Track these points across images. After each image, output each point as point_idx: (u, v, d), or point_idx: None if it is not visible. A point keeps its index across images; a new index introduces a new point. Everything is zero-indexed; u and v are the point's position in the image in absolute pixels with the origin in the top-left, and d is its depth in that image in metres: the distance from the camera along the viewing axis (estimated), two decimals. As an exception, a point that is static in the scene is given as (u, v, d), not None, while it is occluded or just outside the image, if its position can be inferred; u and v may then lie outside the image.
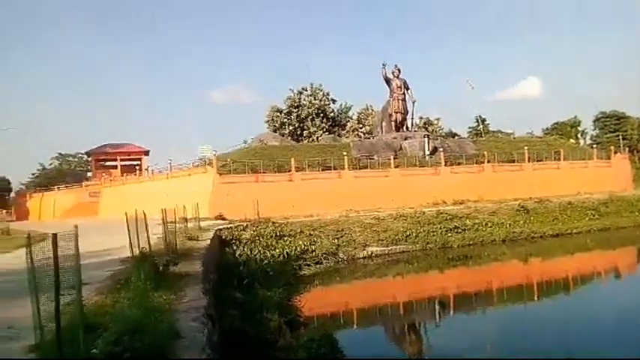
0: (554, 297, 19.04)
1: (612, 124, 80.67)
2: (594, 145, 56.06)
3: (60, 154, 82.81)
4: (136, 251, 10.24)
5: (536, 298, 18.88)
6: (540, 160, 41.97)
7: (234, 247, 22.12)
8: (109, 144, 68.32)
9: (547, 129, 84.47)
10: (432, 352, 13.05)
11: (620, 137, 71.28)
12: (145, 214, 10.81)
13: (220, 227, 24.74)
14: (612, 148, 49.34)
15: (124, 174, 54.55)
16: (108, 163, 67.58)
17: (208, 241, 18.40)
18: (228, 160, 34.53)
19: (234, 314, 10.10)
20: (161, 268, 11.57)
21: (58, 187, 56.85)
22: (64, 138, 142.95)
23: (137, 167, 60.90)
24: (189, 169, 37.17)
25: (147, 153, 68.71)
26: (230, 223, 26.59)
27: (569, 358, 7.94)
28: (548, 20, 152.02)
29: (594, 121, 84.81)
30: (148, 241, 10.44)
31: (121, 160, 67.17)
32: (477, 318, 16.50)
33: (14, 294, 8.18)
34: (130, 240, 9.97)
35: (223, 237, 23.18)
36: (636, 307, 16.03)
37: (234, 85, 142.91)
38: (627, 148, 56.52)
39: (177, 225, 16.95)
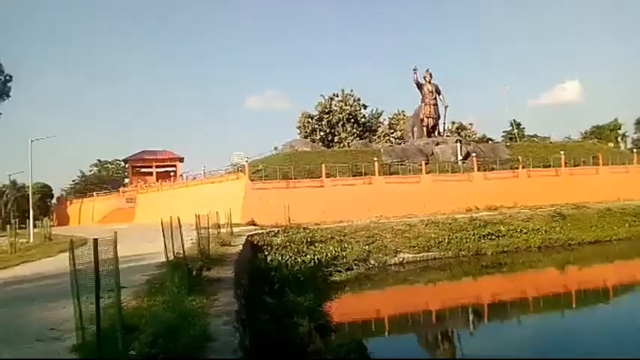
0: (592, 306, 18.49)
1: (655, 127, 77.71)
2: (635, 149, 54.07)
3: (99, 160, 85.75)
4: (171, 256, 10.53)
5: (573, 307, 18.40)
6: (577, 165, 40.88)
7: (266, 253, 22.39)
8: (146, 151, 70.07)
9: (585, 133, 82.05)
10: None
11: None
12: (179, 220, 11.10)
13: (252, 233, 25.07)
14: (656, 151, 47.49)
15: (159, 180, 55.94)
16: (144, 170, 69.30)
17: (240, 247, 18.70)
18: (260, 166, 35.01)
19: (265, 319, 10.26)
20: (194, 272, 11.87)
21: (97, 194, 58.82)
22: (103, 145, 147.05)
23: (172, 174, 62.36)
24: (222, 176, 37.86)
25: (181, 160, 70.21)
26: (261, 229, 26.92)
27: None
28: (586, 21, 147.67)
29: (636, 124, 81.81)
30: (182, 246, 10.72)
31: (157, 166, 68.84)
32: (512, 327, 16.15)
33: (57, 296, 8.59)
34: (164, 245, 10.27)
35: (255, 242, 23.47)
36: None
37: (268, 92, 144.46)
38: (672, 152, 54.26)
39: (210, 230, 17.31)
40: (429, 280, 23.22)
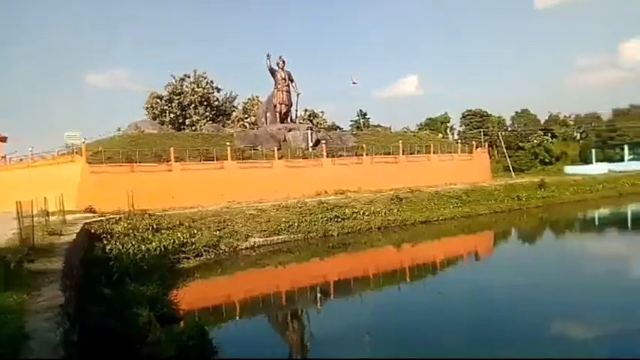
0: (424, 279, 20.57)
1: (476, 121, 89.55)
2: (460, 140, 61.68)
3: None
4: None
5: (408, 280, 20.28)
6: (413, 153, 45.07)
7: (105, 242, 20.60)
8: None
9: (421, 124, 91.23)
10: (313, 339, 13.32)
11: (482, 133, 79.23)
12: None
13: (89, 221, 22.89)
14: (474, 142, 54.64)
15: (-26, 163, 47.97)
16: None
17: (74, 236, 16.91)
18: (100, 148, 32.03)
19: (100, 311, 9.39)
20: (12, 265, 10.45)
21: None
22: None
23: (-9, 156, 53.94)
24: (54, 158, 33.80)
25: (4, 140, 61.11)
26: (101, 216, 24.74)
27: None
28: (423, 20, 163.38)
29: (461, 118, 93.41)
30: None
31: (-30, 147, 59.07)
32: (356, 302, 17.21)
33: None
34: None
35: (92, 231, 21.47)
36: (487, 285, 18.12)
37: (113, 70, 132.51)
38: (487, 144, 62.98)
39: (36, 219, 15.43)
40: (279, 263, 23.63)
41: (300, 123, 49.63)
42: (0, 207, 25.43)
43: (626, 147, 77.30)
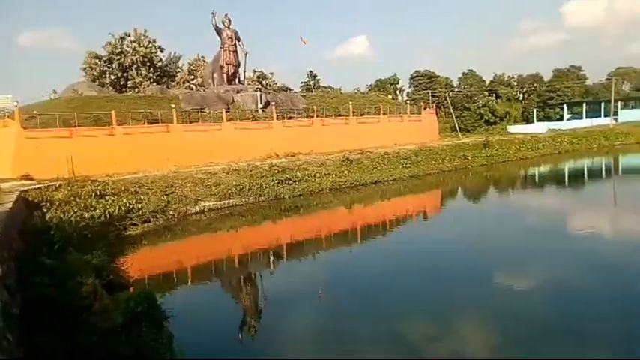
0: (374, 238, 21.04)
1: (425, 83, 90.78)
2: (409, 102, 62.39)
3: None
4: None
5: (359, 241, 20.67)
6: (363, 115, 45.25)
7: (45, 210, 19.60)
8: None
9: (371, 85, 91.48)
10: (267, 301, 13.40)
11: (430, 94, 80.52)
12: None
13: (26, 189, 21.67)
14: (422, 104, 55.47)
15: None
16: None
17: (10, 205, 15.95)
18: (35, 112, 30.10)
19: (42, 281, 8.97)
20: (-59, 238, 9.74)
21: None
22: None
23: None
24: (-16, 123, 31.47)
25: None
26: (39, 184, 23.46)
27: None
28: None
29: (410, 79, 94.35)
30: None
31: None
32: (308, 263, 17.41)
33: None
34: None
35: (30, 199, 20.35)
36: (434, 242, 18.79)
37: (47, 28, 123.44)
38: (435, 105, 64.20)
39: (-35, 188, 14.39)
40: (230, 227, 23.42)
41: (248, 84, 48.53)
42: None
43: (565, 106, 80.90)
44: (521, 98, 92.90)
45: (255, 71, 66.27)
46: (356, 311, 11.66)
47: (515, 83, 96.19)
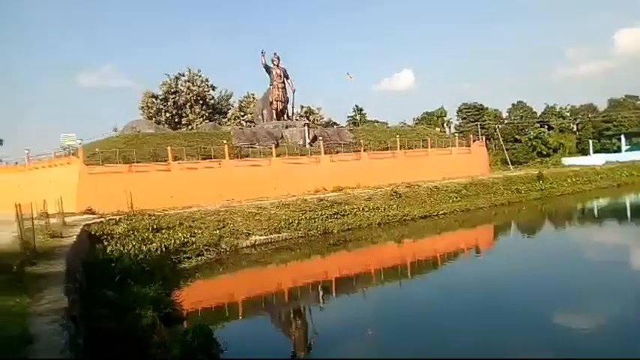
0: (425, 274, 20.59)
1: (473, 115, 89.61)
2: (457, 134, 61.62)
3: None
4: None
5: (409, 276, 20.27)
6: (411, 148, 45.01)
7: (105, 243, 20.50)
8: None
9: (417, 118, 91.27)
10: (317, 336, 13.29)
11: (479, 126, 79.28)
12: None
13: (89, 222, 22.76)
14: (472, 136, 54.61)
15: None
16: (-52, 155, 58.78)
17: (74, 238, 16.82)
18: (97, 149, 31.88)
19: (103, 313, 9.32)
20: (15, 269, 10.36)
21: None
22: None
23: (-13, 159, 53.68)
24: (51, 160, 33.61)
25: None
26: (100, 218, 24.60)
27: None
28: (419, 14, 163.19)
29: (458, 112, 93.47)
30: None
31: (-35, 151, 59.06)
32: (358, 299, 17.21)
33: None
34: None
35: (92, 232, 21.35)
36: (487, 278, 18.13)
37: (103, 68, 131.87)
38: (484, 137, 63.04)
39: (36, 221, 15.31)
40: (280, 261, 23.57)
41: (296, 119, 49.55)
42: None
43: (622, 137, 77.46)
44: (575, 129, 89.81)
45: (302, 107, 67.75)
46: (406, 351, 11.32)
47: (567, 114, 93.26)
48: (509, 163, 62.93)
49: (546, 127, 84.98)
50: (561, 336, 11.48)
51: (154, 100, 62.22)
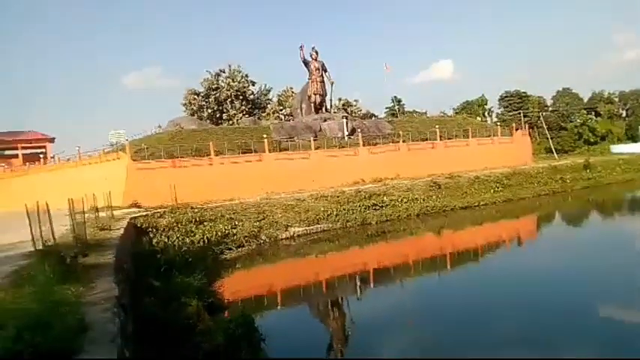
0: (465, 266, 20.42)
1: (515, 103, 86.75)
2: (499, 123, 60.05)
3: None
4: (40, 245, 9.64)
5: (449, 268, 20.17)
6: (451, 138, 44.31)
7: (151, 235, 21.42)
8: (9, 132, 63.27)
9: (457, 108, 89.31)
10: (354, 327, 13.51)
11: (522, 115, 76.87)
12: (47, 205, 10.16)
13: (135, 215, 23.79)
14: (514, 125, 53.14)
15: (27, 163, 50.62)
16: (7, 152, 62.52)
17: (122, 231, 17.65)
18: (143, 145, 33.12)
19: (151, 302, 9.86)
20: (69, 260, 11.02)
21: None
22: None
23: (41, 155, 56.82)
24: (100, 156, 35.18)
25: (52, 140, 64.29)
26: (146, 211, 25.64)
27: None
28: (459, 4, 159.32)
29: (499, 100, 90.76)
30: (52, 232, 9.85)
31: (23, 148, 62.55)
32: (396, 290, 17.33)
33: None
34: (32, 233, 9.35)
35: (139, 225, 22.33)
36: (528, 271, 17.79)
37: (148, 69, 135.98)
38: (527, 125, 61.17)
39: (87, 215, 16.16)
40: (319, 252, 23.91)
41: (335, 112, 49.62)
42: (53, 204, 26.70)
43: (676, 123, 73.39)
44: (624, 115, 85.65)
45: (340, 99, 67.70)
46: (445, 341, 11.37)
47: (616, 100, 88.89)
48: (554, 151, 60.86)
49: (593, 113, 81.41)
50: (606, 332, 11.24)
51: (195, 96, 63.69)
